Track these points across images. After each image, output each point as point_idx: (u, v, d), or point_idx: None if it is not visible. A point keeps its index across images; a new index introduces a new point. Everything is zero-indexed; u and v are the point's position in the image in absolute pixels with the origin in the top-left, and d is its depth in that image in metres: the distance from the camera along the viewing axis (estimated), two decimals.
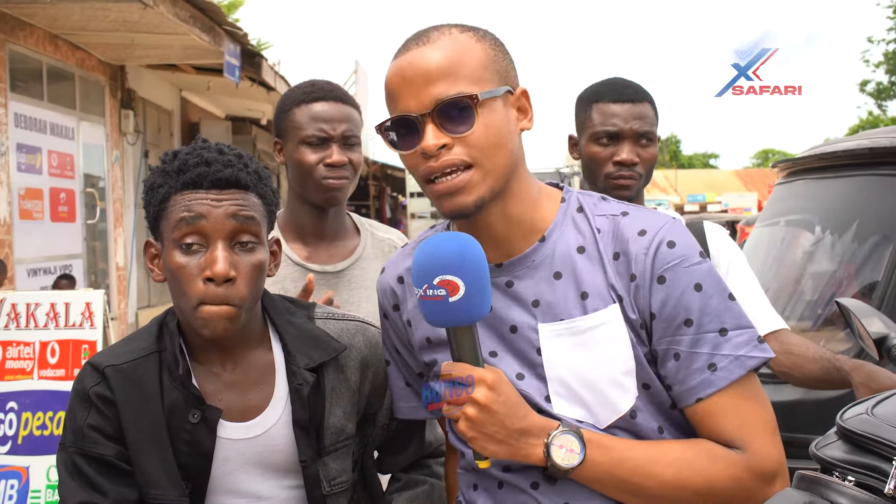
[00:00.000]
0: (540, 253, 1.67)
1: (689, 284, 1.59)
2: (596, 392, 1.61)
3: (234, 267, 1.75)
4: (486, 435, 1.54)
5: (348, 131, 2.52)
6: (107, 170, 11.54)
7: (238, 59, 11.00)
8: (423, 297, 1.54)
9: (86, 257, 10.80)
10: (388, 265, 1.89)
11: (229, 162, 1.78)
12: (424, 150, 1.58)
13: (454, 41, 1.61)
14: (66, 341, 3.65)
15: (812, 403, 2.98)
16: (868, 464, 1.56)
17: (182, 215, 1.75)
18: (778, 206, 4.20)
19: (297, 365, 1.86)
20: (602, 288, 1.63)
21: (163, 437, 1.79)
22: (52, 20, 9.28)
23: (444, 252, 1.53)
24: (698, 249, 1.64)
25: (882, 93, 38.43)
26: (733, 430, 1.59)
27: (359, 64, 24.23)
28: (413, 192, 26.34)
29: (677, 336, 1.60)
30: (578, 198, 1.73)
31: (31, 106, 9.47)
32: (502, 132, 1.61)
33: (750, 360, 1.59)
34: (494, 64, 1.63)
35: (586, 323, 1.62)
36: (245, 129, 17.33)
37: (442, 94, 1.57)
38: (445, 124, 1.57)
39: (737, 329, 1.60)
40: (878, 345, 2.28)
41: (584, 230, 1.68)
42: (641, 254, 1.61)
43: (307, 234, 2.61)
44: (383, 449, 2.09)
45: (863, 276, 3.43)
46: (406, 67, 1.60)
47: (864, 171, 3.52)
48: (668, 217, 1.67)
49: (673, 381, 1.61)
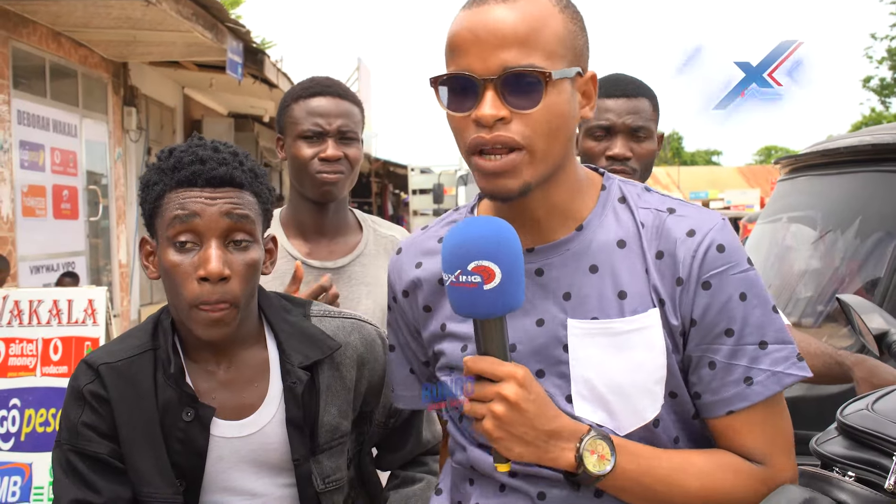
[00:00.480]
0: (576, 242, 1.57)
1: (735, 292, 1.51)
2: (624, 398, 1.53)
3: (228, 265, 1.74)
4: (513, 435, 1.42)
5: (344, 126, 2.52)
6: (109, 167, 11.55)
7: (241, 56, 11.00)
8: (455, 284, 1.42)
9: (88, 254, 10.81)
10: (405, 246, 1.78)
11: (224, 160, 1.78)
12: (480, 118, 1.45)
13: (536, 5, 1.48)
14: (69, 338, 3.65)
15: (814, 399, 2.98)
16: (868, 459, 1.56)
17: (176, 213, 1.74)
18: (780, 202, 4.20)
19: (291, 363, 1.85)
20: (643, 289, 1.53)
21: (156, 435, 1.79)
22: (54, 17, 9.28)
23: (481, 236, 1.41)
24: (746, 255, 1.56)
25: (885, 89, 38.33)
26: (758, 445, 1.55)
27: (361, 61, 24.25)
28: (415, 189, 26.33)
29: (715, 345, 1.52)
30: (621, 186, 1.63)
31: (33, 103, 9.47)
32: (565, 116, 1.50)
33: (787, 378, 1.53)
34: (572, 40, 1.51)
35: (623, 326, 1.53)
36: (248, 126, 17.33)
37: (512, 62, 1.44)
38: (508, 95, 1.45)
39: (777, 343, 1.53)
40: (879, 341, 2.29)
41: (627, 223, 1.58)
42: (689, 256, 1.52)
43: (308, 231, 2.61)
44: (381, 446, 2.10)
45: (865, 272, 3.43)
46: (478, 23, 1.46)
47: (867, 168, 3.51)
48: (718, 217, 1.58)
49: (704, 390, 1.54)
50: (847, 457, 1.61)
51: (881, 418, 1.63)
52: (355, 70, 24.20)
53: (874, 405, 1.70)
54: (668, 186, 52.33)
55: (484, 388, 1.42)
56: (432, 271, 1.69)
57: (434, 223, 1.80)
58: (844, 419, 1.68)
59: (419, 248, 1.75)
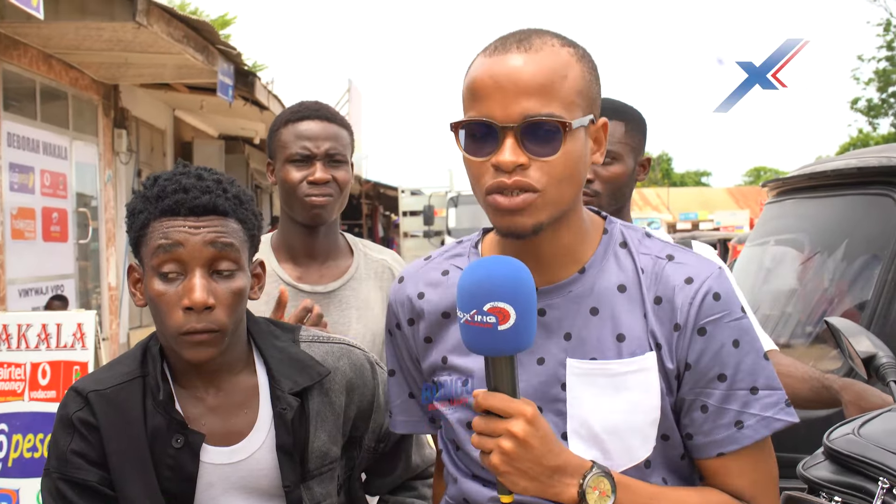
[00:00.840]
0: (578, 284, 1.62)
1: (729, 339, 1.57)
2: (618, 438, 1.58)
3: (212, 294, 1.73)
4: (519, 470, 1.45)
5: (332, 149, 2.53)
6: (99, 189, 11.54)
7: (231, 78, 11.03)
8: (470, 323, 1.44)
9: (78, 277, 10.77)
10: (407, 275, 1.80)
11: (207, 188, 1.77)
12: (500, 164, 1.49)
13: (556, 56, 1.53)
14: (58, 362, 3.64)
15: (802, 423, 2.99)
16: (854, 484, 1.57)
17: (160, 243, 1.74)
18: (768, 225, 4.22)
19: (282, 389, 1.85)
20: (641, 333, 1.59)
21: (146, 461, 1.79)
22: (45, 39, 9.30)
23: (499, 277, 1.43)
24: (740, 304, 1.62)
25: (872, 110, 38.61)
26: (746, 485, 1.60)
27: (352, 83, 24.32)
28: (406, 211, 26.34)
29: (708, 389, 1.58)
30: (622, 231, 1.68)
31: (23, 125, 9.47)
32: (580, 164, 1.56)
33: (776, 423, 1.58)
34: (588, 90, 1.57)
35: (621, 367, 1.58)
36: (238, 148, 17.35)
37: (533, 111, 1.49)
38: (528, 143, 1.49)
39: (767, 389, 1.58)
40: (867, 364, 2.30)
41: (627, 268, 1.63)
42: (687, 303, 1.58)
43: (298, 255, 2.61)
44: (370, 471, 2.09)
45: (852, 295, 3.45)
46: (500, 71, 1.51)
47: (853, 191, 3.54)
48: (715, 266, 1.63)
49: (696, 432, 1.60)
50: (833, 481, 1.62)
51: (867, 443, 1.64)
52: (346, 92, 24.26)
53: (860, 430, 1.71)
54: (658, 207, 52.48)
55: (493, 423, 1.46)
56: (435, 303, 1.72)
57: (436, 254, 1.82)
58: (831, 444, 1.70)
59: (423, 278, 1.77)
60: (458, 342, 1.63)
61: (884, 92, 37.69)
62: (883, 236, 3.30)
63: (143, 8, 8.26)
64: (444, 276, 1.73)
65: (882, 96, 37.92)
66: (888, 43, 36.30)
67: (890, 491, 1.52)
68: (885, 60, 36.95)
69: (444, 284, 1.72)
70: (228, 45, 10.77)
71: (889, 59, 36.82)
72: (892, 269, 3.20)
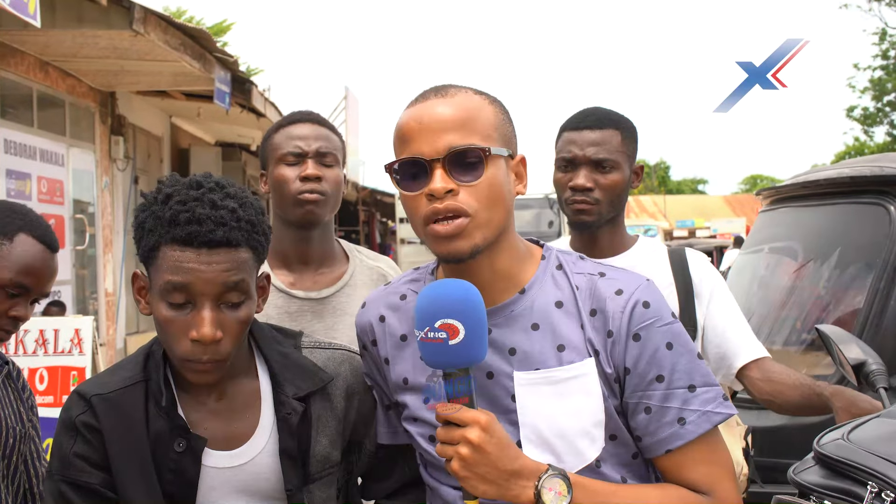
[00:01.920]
0: (519, 304, 1.76)
1: (662, 343, 1.70)
2: (566, 440, 1.70)
3: (220, 326, 1.74)
4: (477, 475, 1.57)
5: (323, 148, 2.57)
6: (96, 196, 11.55)
7: (228, 85, 11.05)
8: (424, 339, 1.59)
9: (75, 283, 10.78)
10: (369, 301, 1.95)
11: (221, 220, 1.73)
12: (432, 191, 1.65)
13: (470, 99, 1.73)
14: (55, 368, 3.65)
15: (795, 428, 3.01)
16: (844, 488, 1.59)
17: (170, 277, 1.72)
18: (762, 233, 4.25)
19: (286, 394, 1.87)
20: (579, 342, 1.72)
21: (148, 465, 1.80)
22: (42, 47, 9.32)
23: (447, 296, 1.59)
24: (670, 310, 1.75)
25: (868, 118, 38.69)
26: (700, 477, 1.70)
27: (349, 90, 24.33)
28: (402, 218, 26.33)
29: (648, 391, 1.70)
30: (558, 256, 1.83)
31: (20, 132, 9.48)
32: (503, 189, 1.71)
33: (716, 416, 1.70)
34: (502, 127, 1.75)
35: (562, 374, 1.71)
36: (235, 155, 17.36)
37: (455, 143, 1.66)
38: (455, 171, 1.66)
39: (704, 386, 1.71)
40: (857, 371, 2.33)
41: (563, 286, 1.77)
42: (619, 312, 1.71)
43: (291, 261, 2.62)
44: (368, 476, 2.11)
45: (845, 302, 3.47)
46: (424, 114, 1.70)
47: (846, 200, 3.57)
48: (643, 278, 1.77)
49: (643, 433, 1.72)
50: (823, 486, 1.64)
51: (856, 448, 1.66)
52: (343, 99, 24.27)
53: (850, 435, 1.73)
54: (655, 215, 52.54)
55: (451, 432, 1.59)
56: (394, 326, 1.87)
57: (396, 280, 1.98)
58: (821, 448, 1.72)
59: (383, 302, 1.92)
60: (416, 363, 1.79)
61: (879, 101, 37.78)
62: (875, 245, 3.33)
63: (140, 16, 8.29)
64: (403, 301, 1.88)
65: (877, 105, 38.00)
66: (883, 52, 36.41)
67: (879, 495, 1.53)
68: (881, 69, 37.04)
69: (403, 308, 1.86)
70: (225, 52, 10.80)
71: (884, 67, 36.92)
72: (884, 277, 3.23)
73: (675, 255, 2.70)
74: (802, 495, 1.67)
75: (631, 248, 2.68)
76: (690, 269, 2.67)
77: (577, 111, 2.71)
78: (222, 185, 1.81)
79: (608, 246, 2.61)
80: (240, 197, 1.81)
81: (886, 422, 1.80)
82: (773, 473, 2.77)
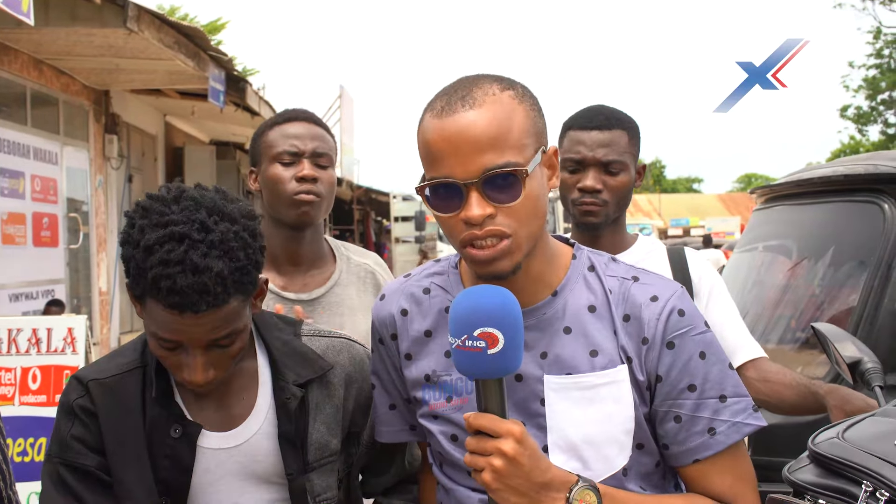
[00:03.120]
0: (551, 307, 1.72)
1: (696, 352, 1.68)
2: (595, 447, 1.68)
3: (212, 365, 1.75)
4: (510, 487, 1.53)
5: (319, 148, 2.54)
6: (90, 194, 11.52)
7: (223, 84, 11.02)
8: (461, 347, 1.52)
9: (68, 282, 10.75)
10: (388, 292, 1.89)
11: (204, 288, 1.64)
12: (469, 219, 1.58)
13: (500, 105, 1.60)
14: (48, 367, 3.65)
15: (791, 427, 3.01)
16: (838, 487, 1.59)
17: (156, 330, 1.72)
18: (756, 231, 4.25)
19: (285, 380, 1.88)
20: (612, 348, 1.69)
21: (142, 450, 1.82)
22: (36, 45, 9.29)
23: (488, 305, 1.52)
24: (703, 319, 1.73)
25: (862, 117, 38.75)
26: (725, 488, 1.69)
27: (343, 89, 24.33)
28: (397, 217, 26.35)
29: (679, 399, 1.68)
30: (590, 256, 1.79)
31: (14, 131, 9.45)
32: (541, 199, 1.65)
33: (746, 427, 1.68)
34: (535, 127, 1.65)
35: (594, 379, 1.68)
36: (229, 153, 17.34)
37: (490, 164, 1.57)
38: (491, 193, 1.58)
39: (735, 396, 1.69)
40: (852, 369, 2.32)
41: (596, 289, 1.73)
42: (654, 319, 1.68)
43: (282, 262, 2.60)
44: (365, 470, 2.11)
45: (839, 300, 3.47)
46: (452, 132, 1.58)
47: (840, 198, 3.57)
48: (677, 285, 1.75)
49: (671, 442, 1.69)
50: (818, 484, 1.64)
51: (850, 447, 1.66)
52: (337, 98, 24.27)
53: (844, 434, 1.73)
54: (650, 214, 52.61)
55: (484, 442, 1.53)
56: (417, 321, 1.82)
57: (416, 272, 1.91)
58: (815, 447, 1.72)
59: (404, 294, 1.86)
60: (440, 360, 1.75)
61: (873, 100, 37.85)
62: (869, 243, 3.33)
63: (134, 14, 8.26)
64: (426, 295, 1.83)
65: (871, 104, 38.07)
66: (878, 51, 36.47)
67: (873, 494, 1.53)
68: (875, 68, 37.10)
69: (426, 303, 1.82)
70: (219, 50, 10.78)
71: (878, 66, 36.98)
72: (878, 275, 3.23)
73: (675, 255, 2.70)
74: (797, 494, 1.67)
75: (631, 247, 2.68)
76: (690, 269, 2.67)
77: (582, 109, 2.69)
78: (208, 227, 1.69)
79: (609, 245, 2.60)
80: (227, 242, 1.69)
81: (881, 420, 1.79)
82: (767, 472, 2.77)
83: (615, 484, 1.66)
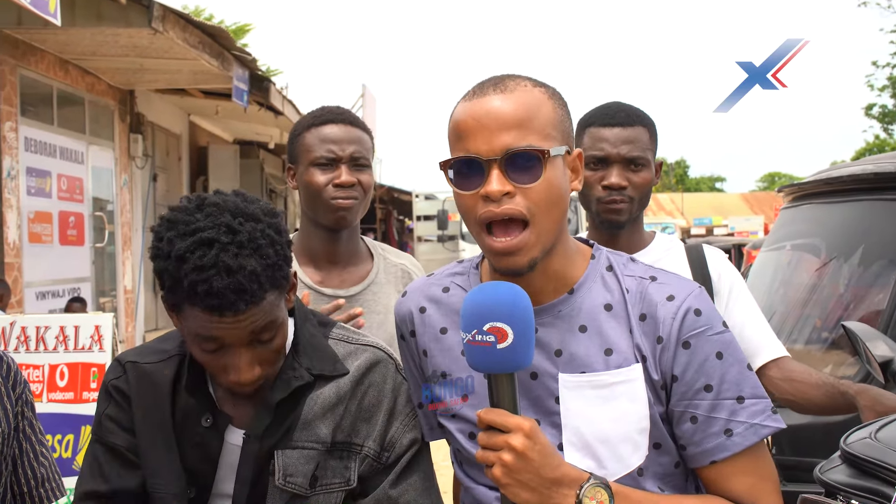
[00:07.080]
0: (567, 305, 1.72)
1: (712, 352, 1.66)
2: (609, 446, 1.67)
3: (257, 362, 1.75)
4: (519, 482, 1.53)
5: (357, 153, 2.53)
6: (115, 193, 11.61)
7: (246, 83, 11.08)
8: (471, 342, 1.54)
9: (94, 280, 10.84)
10: (410, 290, 1.92)
11: (241, 287, 1.65)
12: (488, 194, 1.61)
13: (529, 94, 1.66)
14: (75, 364, 3.67)
15: (820, 427, 2.98)
16: (871, 488, 1.57)
17: (199, 332, 1.71)
18: (783, 230, 4.21)
19: (299, 363, 1.87)
20: (627, 347, 1.69)
21: (170, 437, 1.85)
22: (62, 46, 9.37)
23: (497, 299, 1.54)
24: (721, 319, 1.72)
25: (887, 116, 38.34)
26: (744, 490, 1.67)
27: (366, 88, 24.34)
28: (420, 216, 26.35)
29: (696, 400, 1.66)
30: (608, 256, 1.79)
31: (41, 130, 9.55)
32: (561, 190, 1.67)
33: (764, 429, 1.66)
34: (561, 123, 1.69)
35: (608, 378, 1.68)
36: (253, 152, 17.42)
37: (513, 144, 1.61)
38: (512, 173, 1.61)
39: (753, 398, 1.67)
40: (884, 368, 2.29)
41: (613, 288, 1.74)
42: (669, 318, 1.68)
43: (319, 259, 2.62)
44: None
45: (869, 300, 3.43)
46: (480, 111, 1.64)
47: (869, 196, 3.53)
48: (695, 285, 1.74)
49: (688, 443, 1.68)
50: (850, 485, 1.62)
51: (884, 447, 1.64)
52: (360, 97, 24.28)
53: (877, 434, 1.71)
54: (673, 213, 52.38)
55: (494, 437, 1.54)
56: (434, 318, 1.84)
57: (439, 272, 1.93)
58: (848, 447, 1.70)
59: (425, 293, 1.89)
60: (455, 358, 1.76)
61: None
62: None
63: (159, 14, 8.32)
64: (445, 294, 1.85)
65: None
66: None
67: None
68: None
69: (445, 301, 1.84)
70: (243, 50, 10.83)
71: None
72: None
73: (693, 252, 2.67)
74: (829, 494, 1.64)
75: (649, 245, 2.65)
76: (709, 266, 2.64)
77: (600, 106, 2.67)
78: (234, 229, 1.69)
79: (627, 244, 2.57)
80: (255, 240, 1.70)
81: None
82: (796, 472, 2.74)
83: (630, 483, 1.65)
